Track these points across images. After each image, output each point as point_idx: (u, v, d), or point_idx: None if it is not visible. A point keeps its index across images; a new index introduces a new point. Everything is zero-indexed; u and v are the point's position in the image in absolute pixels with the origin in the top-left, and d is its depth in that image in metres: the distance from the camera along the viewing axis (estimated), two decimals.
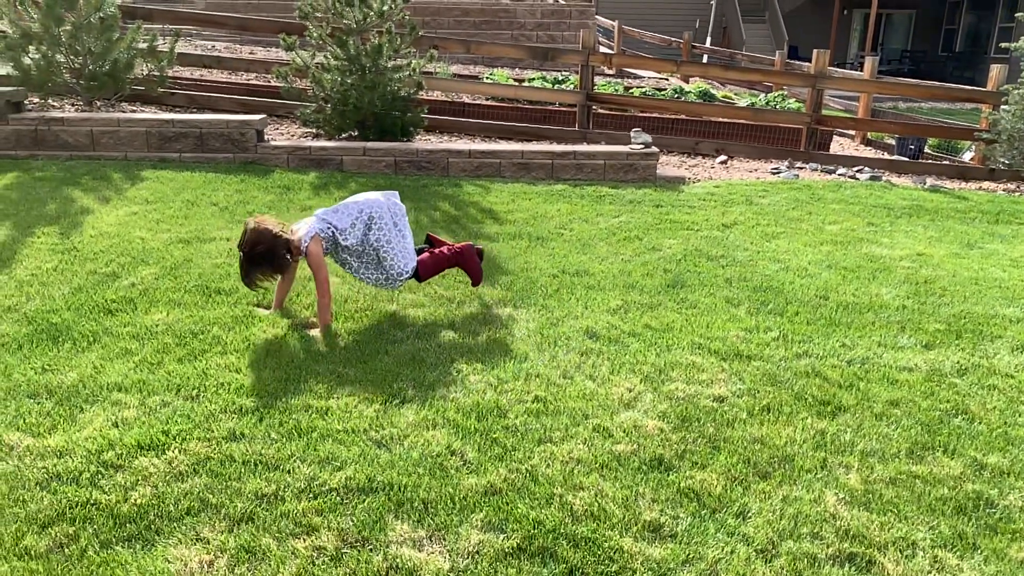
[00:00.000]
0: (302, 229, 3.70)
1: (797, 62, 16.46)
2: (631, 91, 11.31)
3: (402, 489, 2.58)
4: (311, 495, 2.53)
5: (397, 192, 4.03)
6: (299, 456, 2.72)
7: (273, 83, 9.56)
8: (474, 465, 2.75)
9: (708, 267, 4.95)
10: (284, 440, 2.81)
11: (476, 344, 3.66)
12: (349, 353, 3.51)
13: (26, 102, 7.47)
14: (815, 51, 8.96)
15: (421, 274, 3.96)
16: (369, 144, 7.19)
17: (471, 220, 5.70)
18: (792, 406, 3.27)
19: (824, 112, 9.24)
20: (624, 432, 3.00)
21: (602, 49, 16.72)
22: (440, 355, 3.53)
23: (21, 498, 2.41)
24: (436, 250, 4.11)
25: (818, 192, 7.34)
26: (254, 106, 8.56)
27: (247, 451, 2.73)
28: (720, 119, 9.52)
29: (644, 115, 9.47)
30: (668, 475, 2.75)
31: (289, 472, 2.63)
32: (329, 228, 3.73)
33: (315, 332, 3.70)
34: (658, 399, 3.26)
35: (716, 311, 4.23)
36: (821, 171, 8.57)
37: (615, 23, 17.22)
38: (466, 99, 9.86)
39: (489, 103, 9.71)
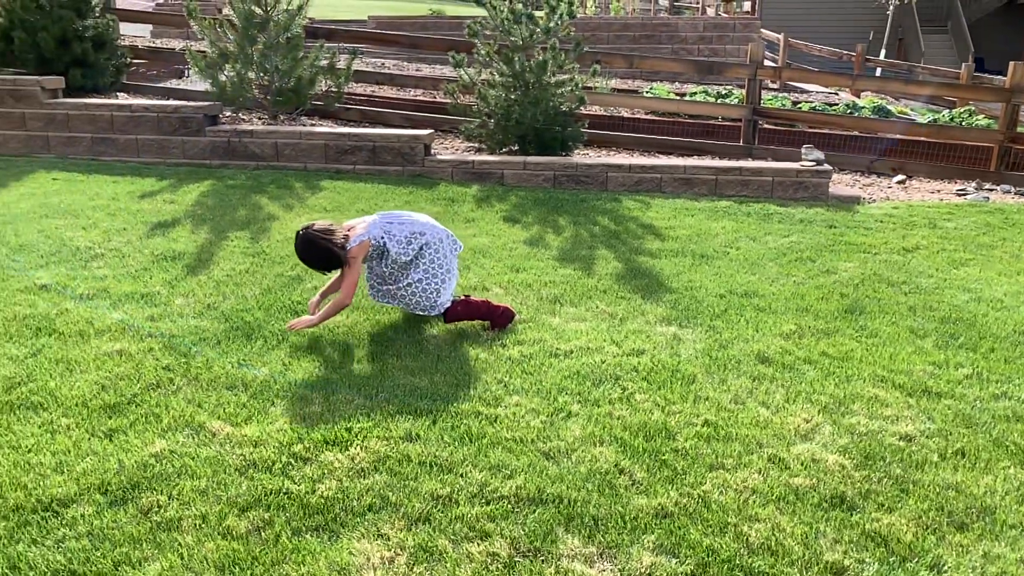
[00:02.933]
0: (357, 229, 3.73)
1: (986, 75, 15.20)
2: (799, 106, 10.85)
3: (572, 503, 2.58)
4: (483, 501, 2.58)
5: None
6: (471, 461, 2.79)
7: (438, 99, 9.93)
8: (643, 486, 2.70)
9: (889, 293, 4.64)
10: (456, 444, 2.89)
11: (641, 362, 3.61)
12: (514, 364, 3.55)
13: (220, 116, 8.14)
14: (1011, 63, 8.23)
15: (449, 315, 3.87)
16: (529, 158, 7.30)
17: (631, 235, 5.65)
18: (991, 452, 2.99)
19: (1020, 129, 8.47)
20: (801, 465, 2.86)
21: (767, 63, 16.17)
22: (604, 371, 3.51)
23: (223, 482, 2.61)
24: (475, 298, 4.00)
25: (1013, 216, 6.72)
26: (419, 121, 8.91)
27: (422, 452, 2.82)
28: (898, 136, 8.94)
29: (812, 131, 9.05)
30: (851, 515, 2.59)
31: (462, 476, 2.70)
32: (383, 238, 3.73)
33: (305, 319, 3.71)
34: (838, 432, 3.09)
35: (899, 342, 3.95)
36: (1015, 193, 7.84)
37: (781, 36, 16.61)
38: (624, 113, 9.82)
39: (648, 117, 9.62)
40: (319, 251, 3.64)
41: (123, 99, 8.70)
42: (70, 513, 2.42)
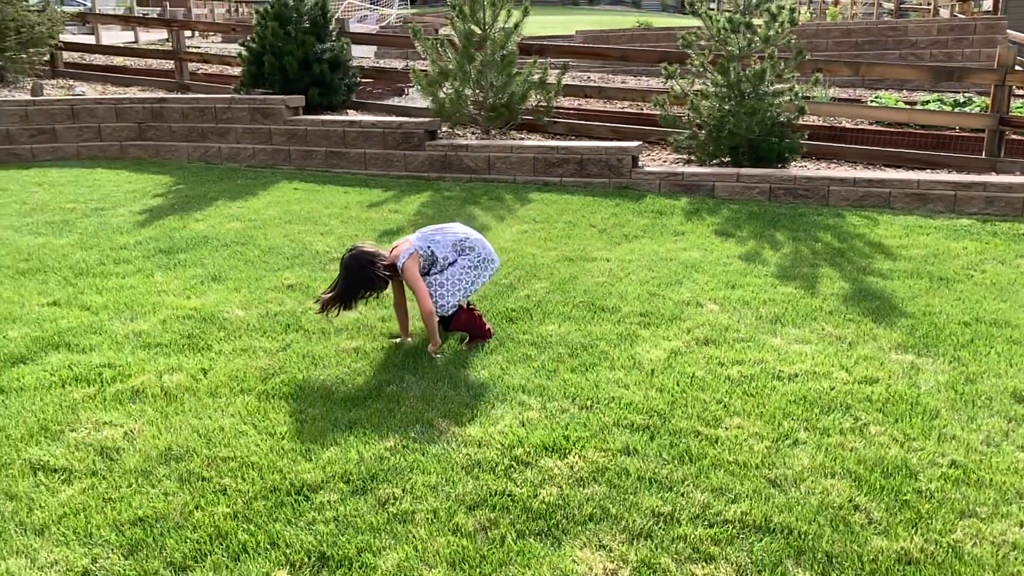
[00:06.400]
0: (401, 247, 3.74)
1: None
2: None
3: (802, 536, 2.44)
4: (706, 523, 2.50)
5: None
6: (691, 481, 2.72)
7: (645, 111, 9.86)
8: (882, 526, 2.50)
9: None
10: (676, 462, 2.83)
11: (874, 391, 3.35)
12: (734, 384, 3.43)
13: (438, 131, 8.59)
14: None
15: (451, 324, 3.81)
16: (742, 170, 7.05)
17: (858, 254, 5.28)
18: None
19: None
20: None
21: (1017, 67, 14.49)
22: (833, 398, 3.30)
23: (451, 479, 2.73)
24: (477, 312, 3.95)
25: None
26: (626, 133, 8.88)
27: (641, 467, 2.79)
28: None
29: None
30: None
31: (683, 495, 2.64)
32: (429, 248, 3.72)
33: (431, 349, 3.71)
34: None
35: None
36: None
37: None
38: (846, 123, 9.21)
39: (872, 128, 8.95)
40: (361, 274, 3.60)
41: (352, 116, 9.44)
42: (318, 498, 2.64)
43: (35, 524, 2.51)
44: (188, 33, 18.47)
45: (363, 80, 10.95)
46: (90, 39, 17.14)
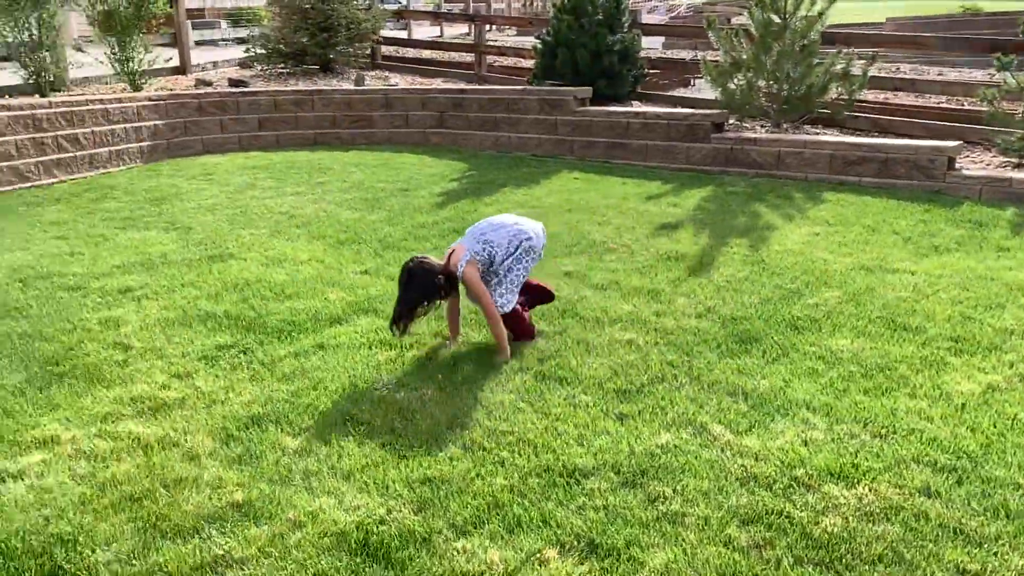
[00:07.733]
0: (457, 253, 3.59)
1: None
2: None
3: None
4: None
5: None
6: (1007, 540, 2.36)
7: (966, 107, 8.72)
8: None
9: None
10: (988, 515, 2.47)
11: None
12: None
13: (725, 124, 8.30)
14: None
15: (518, 332, 3.76)
16: None
17: None
18: None
19: None
20: None
21: None
22: None
23: (724, 489, 2.63)
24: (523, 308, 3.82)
25: None
26: (940, 131, 7.92)
27: (943, 514, 2.47)
28: None
29: None
30: None
31: (996, 555, 2.30)
32: (486, 249, 3.58)
33: (500, 359, 3.59)
34: None
35: None
36: None
37: None
38: None
39: None
40: (425, 282, 3.52)
41: (637, 107, 9.44)
42: (588, 484, 2.68)
43: (343, 470, 2.83)
44: (486, 27, 19.70)
45: (649, 71, 10.91)
46: (402, 34, 18.96)
